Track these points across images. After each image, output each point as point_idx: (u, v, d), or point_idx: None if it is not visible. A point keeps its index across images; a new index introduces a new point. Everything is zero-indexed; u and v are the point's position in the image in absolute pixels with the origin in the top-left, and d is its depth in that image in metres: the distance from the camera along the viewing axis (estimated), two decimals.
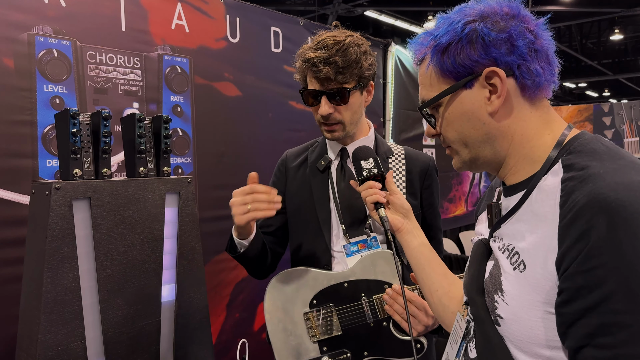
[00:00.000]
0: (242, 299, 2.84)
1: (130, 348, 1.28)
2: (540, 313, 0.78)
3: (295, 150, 1.77)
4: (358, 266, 1.47)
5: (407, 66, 3.99)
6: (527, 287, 0.79)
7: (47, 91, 2.10)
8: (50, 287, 1.14)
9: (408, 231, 1.25)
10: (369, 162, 1.32)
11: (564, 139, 0.85)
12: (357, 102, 1.50)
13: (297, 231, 1.64)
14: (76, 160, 1.21)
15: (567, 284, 0.72)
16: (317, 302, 1.48)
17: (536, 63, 0.85)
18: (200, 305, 1.43)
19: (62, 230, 1.16)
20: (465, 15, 0.88)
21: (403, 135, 3.96)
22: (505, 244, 0.87)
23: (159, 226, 1.34)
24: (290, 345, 1.48)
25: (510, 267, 0.84)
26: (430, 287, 1.18)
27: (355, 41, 1.46)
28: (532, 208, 0.83)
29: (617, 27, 11.49)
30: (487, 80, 0.85)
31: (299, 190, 1.63)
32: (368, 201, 1.28)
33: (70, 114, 1.19)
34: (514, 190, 0.89)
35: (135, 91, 2.39)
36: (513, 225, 0.87)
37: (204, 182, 2.64)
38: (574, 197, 0.73)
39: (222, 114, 2.73)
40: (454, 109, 0.90)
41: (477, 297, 0.90)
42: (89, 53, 2.22)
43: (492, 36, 0.84)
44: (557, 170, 0.81)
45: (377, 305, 1.46)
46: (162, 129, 1.37)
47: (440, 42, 0.88)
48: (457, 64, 0.86)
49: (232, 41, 2.77)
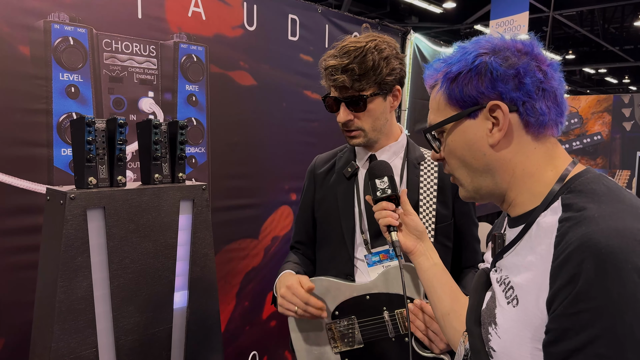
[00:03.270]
0: (251, 287, 2.86)
1: (142, 355, 1.30)
2: (530, 349, 0.79)
3: (324, 155, 1.75)
4: (380, 279, 1.46)
5: (426, 54, 3.92)
6: (519, 322, 0.81)
7: (62, 79, 2.09)
8: (63, 296, 1.14)
9: (421, 253, 1.25)
10: (383, 182, 1.30)
11: (567, 174, 0.86)
12: (379, 109, 1.47)
13: (323, 239, 1.63)
14: (91, 168, 1.20)
15: (554, 325, 0.74)
16: (339, 314, 1.48)
17: (542, 102, 0.86)
18: (211, 311, 1.44)
19: (77, 240, 1.16)
20: (479, 47, 0.90)
21: (418, 126, 3.91)
22: (502, 277, 0.89)
23: (172, 234, 1.34)
24: (313, 354, 1.49)
25: (505, 301, 0.85)
26: (442, 310, 1.19)
27: (377, 46, 1.41)
28: (531, 244, 0.84)
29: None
30: (490, 113, 0.87)
31: (326, 197, 1.62)
32: (381, 223, 1.27)
33: (85, 122, 1.17)
34: (516, 223, 0.90)
35: (151, 80, 2.37)
36: (512, 258, 0.89)
37: (217, 171, 2.63)
38: (568, 239, 0.75)
39: (237, 103, 2.70)
40: (456, 136, 0.92)
41: (474, 327, 0.92)
42: (104, 41, 2.19)
43: (500, 71, 0.86)
44: (556, 209, 0.82)
45: (398, 319, 1.45)
46: (178, 135, 1.35)
47: (451, 70, 0.90)
48: (465, 94, 0.89)
49: (249, 29, 2.72)
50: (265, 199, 2.89)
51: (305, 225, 1.70)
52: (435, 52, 4.08)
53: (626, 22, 12.19)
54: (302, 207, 1.71)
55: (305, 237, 1.71)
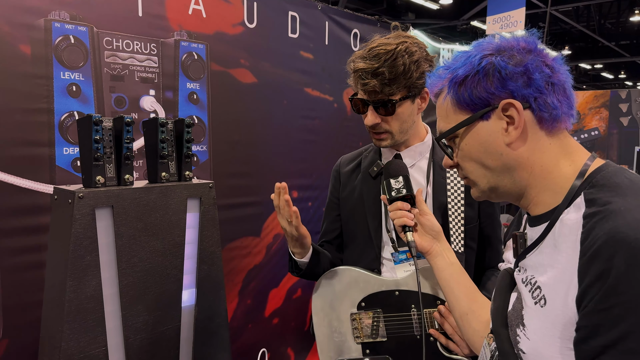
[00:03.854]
0: (253, 286, 2.86)
1: (151, 353, 1.29)
2: (559, 348, 0.79)
3: (349, 155, 1.74)
4: (412, 277, 1.46)
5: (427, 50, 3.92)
6: (548, 322, 0.80)
7: (63, 78, 2.08)
8: (72, 295, 1.14)
9: (437, 253, 1.25)
10: (398, 181, 1.30)
11: (587, 169, 0.85)
12: (407, 112, 1.44)
13: (349, 237, 1.63)
14: (99, 167, 1.19)
15: (585, 321, 0.73)
16: (365, 305, 1.48)
17: (553, 96, 0.86)
18: (219, 308, 1.44)
19: (85, 239, 1.15)
20: (483, 49, 0.90)
21: None
22: (527, 277, 0.88)
23: (180, 232, 1.33)
24: (333, 341, 1.50)
25: (532, 301, 0.85)
26: (460, 310, 1.18)
27: (408, 48, 1.38)
28: (555, 242, 0.83)
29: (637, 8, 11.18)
30: (503, 112, 0.87)
31: (351, 196, 1.62)
32: (396, 224, 1.27)
33: (93, 121, 1.17)
34: (538, 221, 0.89)
35: (152, 78, 2.36)
36: (536, 258, 0.88)
37: (218, 170, 2.63)
38: (594, 234, 0.74)
39: (238, 101, 2.69)
40: (470, 140, 0.91)
41: (502, 329, 0.91)
42: (105, 39, 2.18)
43: (508, 69, 0.85)
44: (579, 205, 0.81)
45: (425, 319, 1.45)
46: (184, 133, 1.34)
47: (457, 75, 0.90)
48: (474, 96, 0.88)
49: (249, 26, 2.72)
50: (267, 196, 2.87)
51: (333, 224, 1.70)
52: (435, 48, 4.08)
53: (622, 18, 12.22)
54: (329, 205, 1.72)
55: (332, 235, 1.71)
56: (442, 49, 4.16)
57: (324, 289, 1.54)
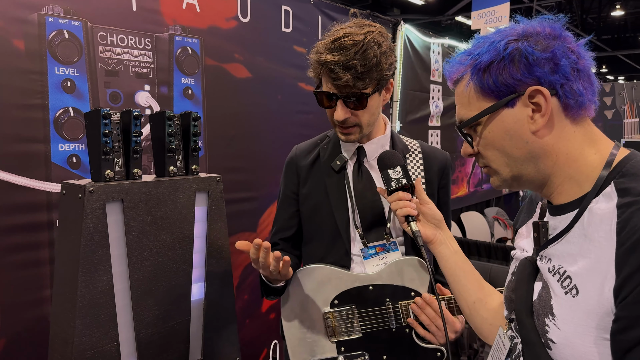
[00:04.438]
0: (250, 281, 2.86)
1: (162, 347, 1.29)
2: (594, 338, 0.78)
3: (304, 146, 1.66)
4: (385, 271, 1.45)
5: (416, 46, 3.94)
6: (580, 312, 0.79)
7: (58, 74, 2.05)
8: (85, 290, 1.13)
9: (441, 242, 1.23)
10: (396, 171, 1.27)
11: (613, 159, 0.84)
12: (375, 104, 1.42)
13: (313, 234, 1.58)
14: (108, 161, 1.18)
15: (625, 312, 0.73)
16: (338, 302, 1.46)
17: (579, 83, 0.85)
18: (227, 302, 1.44)
19: (96, 234, 1.14)
20: (506, 35, 0.88)
21: (410, 117, 3.93)
22: (555, 266, 0.87)
23: (189, 226, 1.33)
24: (305, 342, 1.47)
25: (562, 290, 0.83)
26: (467, 298, 1.17)
27: (375, 39, 1.34)
28: (585, 231, 0.82)
29: (618, 3, 11.36)
30: (530, 99, 0.85)
31: (314, 191, 1.56)
32: (399, 214, 1.24)
33: (102, 114, 1.15)
34: (562, 211, 0.88)
35: (147, 73, 2.34)
36: (563, 247, 0.86)
37: (214, 165, 2.62)
38: (633, 224, 0.73)
39: (232, 96, 2.68)
40: (494, 127, 0.89)
41: (527, 318, 0.90)
42: (99, 34, 2.16)
43: (536, 55, 0.84)
44: (610, 194, 0.80)
45: (402, 311, 1.44)
46: (190, 127, 1.34)
47: (481, 61, 0.87)
48: (500, 83, 0.86)
49: (243, 21, 2.70)
50: (262, 192, 2.89)
51: (290, 220, 1.62)
52: (425, 43, 4.10)
53: (603, 12, 12.40)
54: (285, 200, 1.64)
55: (290, 232, 1.63)
56: (432, 43, 4.19)
57: (293, 289, 1.50)
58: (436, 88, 4.27)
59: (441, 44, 4.32)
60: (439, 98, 4.31)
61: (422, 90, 4.09)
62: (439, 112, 4.33)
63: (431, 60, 4.17)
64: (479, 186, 5.07)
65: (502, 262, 3.70)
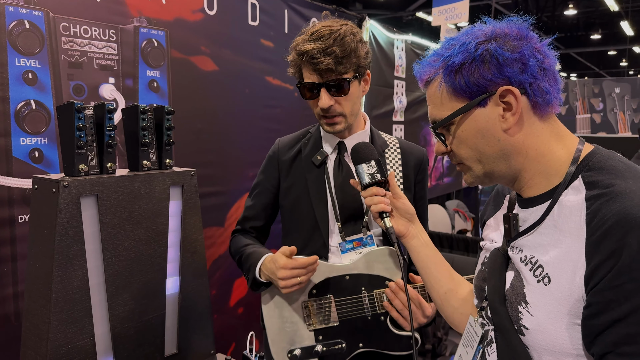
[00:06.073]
0: (219, 275, 2.85)
1: (137, 342, 1.29)
2: (565, 324, 0.83)
3: (287, 140, 1.69)
4: (361, 261, 1.49)
5: (381, 42, 3.99)
6: (552, 299, 0.84)
7: (19, 65, 1.99)
8: (59, 286, 1.12)
9: (413, 236, 1.26)
10: (371, 166, 1.28)
11: (579, 155, 0.89)
12: (356, 93, 1.46)
13: (293, 227, 1.61)
14: (81, 155, 1.16)
15: (596, 298, 0.77)
16: (316, 292, 1.50)
17: (545, 81, 0.89)
18: (202, 295, 1.44)
19: (71, 229, 1.13)
20: (476, 36, 0.91)
21: (375, 112, 3.99)
22: (527, 256, 0.91)
23: (163, 220, 1.32)
24: (285, 331, 1.50)
25: (534, 279, 0.88)
26: (439, 289, 1.21)
27: (350, 30, 1.42)
28: (555, 223, 0.87)
29: (571, 2, 11.79)
30: (501, 99, 0.89)
31: (294, 185, 1.60)
32: (373, 210, 1.26)
33: (75, 108, 1.14)
34: (532, 203, 0.93)
35: (111, 65, 2.29)
36: (534, 238, 0.91)
37: (181, 160, 2.58)
38: (602, 215, 0.78)
39: (199, 89, 2.66)
40: (467, 126, 0.93)
41: (500, 307, 0.94)
42: (62, 25, 2.10)
43: (505, 56, 0.87)
44: (578, 187, 0.85)
45: (376, 299, 1.49)
46: (164, 120, 1.33)
47: (453, 62, 0.90)
48: (471, 83, 0.89)
49: (209, 13, 2.68)
50: (230, 186, 2.88)
51: (264, 211, 1.67)
52: (389, 39, 4.16)
53: (557, 12, 12.84)
54: (261, 191, 1.67)
55: (260, 223, 1.68)
56: (396, 39, 4.25)
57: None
58: (400, 84, 4.34)
59: (405, 40, 4.39)
60: (402, 94, 4.38)
61: (387, 86, 4.15)
62: (402, 107, 4.40)
63: (395, 56, 4.23)
64: (440, 179, 5.19)
65: (464, 252, 3.82)
